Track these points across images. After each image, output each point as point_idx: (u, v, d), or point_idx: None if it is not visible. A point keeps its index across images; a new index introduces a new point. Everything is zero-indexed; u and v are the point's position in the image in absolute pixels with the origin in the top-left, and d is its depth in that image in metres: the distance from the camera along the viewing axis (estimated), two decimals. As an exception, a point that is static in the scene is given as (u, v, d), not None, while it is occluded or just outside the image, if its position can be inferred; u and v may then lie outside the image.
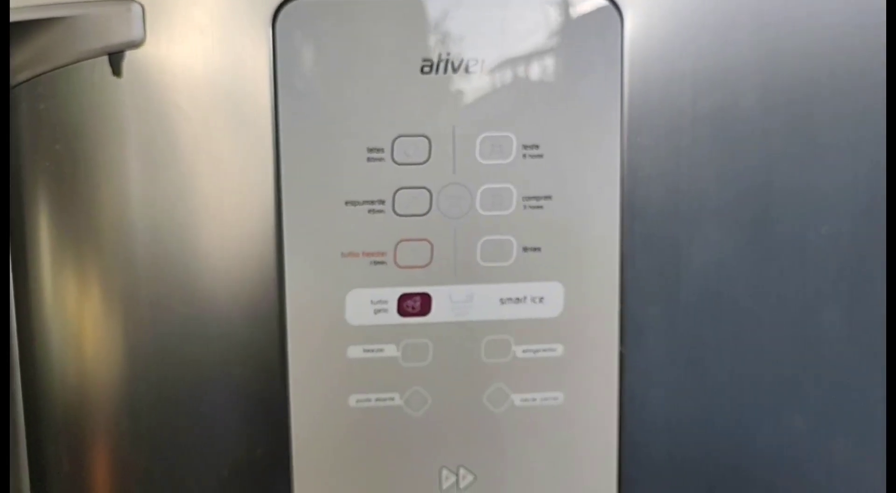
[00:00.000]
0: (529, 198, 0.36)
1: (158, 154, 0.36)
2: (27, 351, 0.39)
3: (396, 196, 0.36)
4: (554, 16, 0.36)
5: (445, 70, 0.35)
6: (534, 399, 0.38)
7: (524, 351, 0.38)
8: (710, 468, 0.39)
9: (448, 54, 0.35)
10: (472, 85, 0.36)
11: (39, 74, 0.36)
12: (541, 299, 0.37)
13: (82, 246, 0.37)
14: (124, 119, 0.36)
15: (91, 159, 0.36)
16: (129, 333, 0.37)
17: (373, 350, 0.37)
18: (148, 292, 0.37)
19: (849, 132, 0.37)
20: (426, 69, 0.35)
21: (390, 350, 0.37)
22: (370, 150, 0.36)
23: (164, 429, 0.38)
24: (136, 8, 0.35)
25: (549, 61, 0.36)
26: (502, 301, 0.37)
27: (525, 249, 0.37)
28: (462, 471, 0.38)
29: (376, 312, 0.37)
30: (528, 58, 0.36)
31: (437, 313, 0.37)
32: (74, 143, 0.36)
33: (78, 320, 0.38)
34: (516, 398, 0.38)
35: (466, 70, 0.35)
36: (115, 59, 0.35)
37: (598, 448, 0.39)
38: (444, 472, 0.38)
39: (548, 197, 0.37)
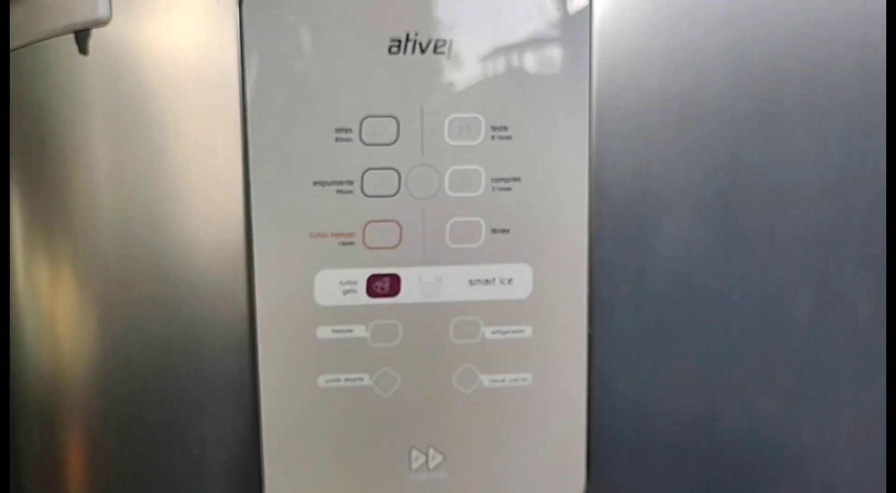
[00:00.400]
0: (498, 179, 0.36)
1: (126, 132, 0.36)
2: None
3: (365, 177, 0.36)
4: (523, -4, 0.35)
5: (413, 50, 0.35)
6: (503, 380, 0.38)
7: (493, 332, 0.38)
8: (679, 449, 0.40)
9: (416, 35, 0.35)
10: (441, 66, 0.35)
11: (6, 52, 0.36)
12: (509, 281, 0.37)
13: (51, 225, 0.37)
14: (91, 97, 0.35)
15: (58, 138, 0.36)
16: (99, 312, 0.37)
17: (342, 331, 0.37)
18: (117, 271, 0.37)
19: (817, 116, 0.37)
20: (394, 49, 0.35)
21: (359, 331, 0.37)
22: (338, 130, 0.36)
23: (133, 408, 0.38)
24: (101, -15, 0.34)
25: (518, 42, 0.36)
26: (471, 283, 0.37)
27: (494, 230, 0.37)
28: (431, 451, 0.39)
29: (345, 292, 0.37)
30: (496, 39, 0.35)
31: (406, 294, 0.37)
32: (41, 121, 0.36)
33: (48, 298, 0.38)
34: (485, 379, 0.38)
35: (434, 51, 0.35)
36: (82, 37, 0.35)
37: (566, 429, 0.39)
38: (414, 452, 0.39)
39: (516, 179, 0.36)
